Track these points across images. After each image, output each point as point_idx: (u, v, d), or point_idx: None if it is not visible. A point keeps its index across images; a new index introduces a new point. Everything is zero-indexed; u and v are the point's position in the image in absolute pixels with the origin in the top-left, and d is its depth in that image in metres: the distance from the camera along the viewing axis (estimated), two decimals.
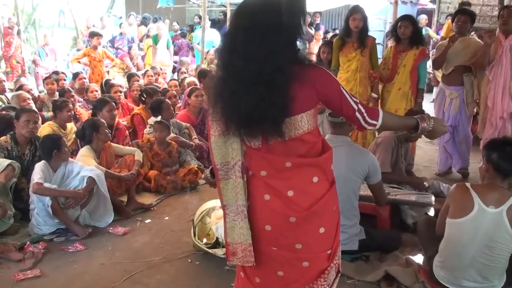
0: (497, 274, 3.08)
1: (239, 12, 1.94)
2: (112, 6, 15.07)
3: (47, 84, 7.15)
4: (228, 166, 2.01)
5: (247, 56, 1.86)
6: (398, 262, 3.68)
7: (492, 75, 5.31)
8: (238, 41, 1.89)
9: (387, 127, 2.25)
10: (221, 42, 2.02)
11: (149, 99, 6.51)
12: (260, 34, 1.85)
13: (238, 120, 1.92)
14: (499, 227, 2.94)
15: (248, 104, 1.87)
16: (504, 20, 5.28)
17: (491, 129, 5.35)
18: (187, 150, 6.02)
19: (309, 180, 2.01)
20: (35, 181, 4.09)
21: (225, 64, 1.94)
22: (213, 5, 15.82)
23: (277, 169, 1.99)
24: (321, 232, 2.04)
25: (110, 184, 4.70)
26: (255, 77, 1.86)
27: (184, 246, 4.08)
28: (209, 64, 10.52)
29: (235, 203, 2.02)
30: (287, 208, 1.98)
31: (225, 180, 2.03)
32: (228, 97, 1.92)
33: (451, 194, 3.22)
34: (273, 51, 1.86)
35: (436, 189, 4.86)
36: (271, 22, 1.86)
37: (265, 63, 1.85)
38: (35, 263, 3.75)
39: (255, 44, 1.86)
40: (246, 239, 2.02)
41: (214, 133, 2.02)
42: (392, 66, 5.74)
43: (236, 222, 2.03)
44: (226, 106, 1.93)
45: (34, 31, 12.36)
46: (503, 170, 3.01)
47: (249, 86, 1.87)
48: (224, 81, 1.94)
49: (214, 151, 2.03)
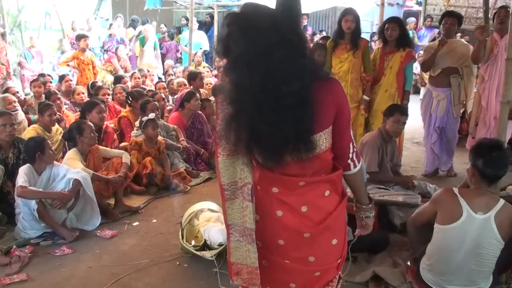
0: (484, 277, 3.09)
1: (251, 27, 1.75)
2: (98, 8, 14.97)
3: (34, 87, 7.10)
4: (236, 187, 1.92)
5: (272, 74, 1.73)
6: (386, 263, 3.70)
7: (487, 74, 5.35)
8: (259, 59, 1.73)
9: (357, 178, 2.11)
10: (235, 59, 1.80)
11: (135, 102, 6.49)
12: (285, 49, 1.73)
13: (258, 140, 1.82)
14: (487, 233, 2.93)
15: (273, 125, 1.77)
16: (501, 19, 5.32)
17: (484, 128, 5.39)
18: (174, 152, 6.01)
19: (322, 194, 1.97)
20: (19, 184, 4.06)
21: (242, 83, 1.76)
22: (200, 7, 15.81)
23: (290, 188, 1.94)
24: (333, 244, 2.03)
25: (98, 186, 4.69)
26: (282, 97, 1.74)
27: (172, 248, 4.07)
28: (196, 66, 10.51)
29: (242, 225, 1.93)
30: (301, 224, 1.94)
31: (231, 200, 1.94)
32: (246, 118, 1.78)
33: (438, 199, 3.18)
34: (299, 67, 1.76)
35: (423, 189, 4.89)
36: (291, 35, 1.75)
37: (291, 81, 1.73)
38: (22, 267, 3.71)
39: (282, 61, 1.73)
40: (253, 263, 1.95)
41: (222, 152, 1.91)
42: (379, 68, 5.79)
43: (241, 244, 1.95)
44: (243, 127, 1.80)
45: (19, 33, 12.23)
46: (489, 176, 3.00)
47: (272, 106, 1.75)
48: (240, 101, 1.79)
49: (221, 171, 1.93)
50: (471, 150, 3.18)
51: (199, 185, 5.80)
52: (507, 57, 3.84)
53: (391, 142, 4.77)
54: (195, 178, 5.92)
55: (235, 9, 14.77)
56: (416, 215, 3.45)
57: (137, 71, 9.25)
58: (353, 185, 2.15)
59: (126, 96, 6.83)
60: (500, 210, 2.94)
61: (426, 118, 6.01)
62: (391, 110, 4.67)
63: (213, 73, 10.56)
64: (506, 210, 2.96)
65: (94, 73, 9.29)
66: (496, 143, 3.19)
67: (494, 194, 3.04)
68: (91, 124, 4.98)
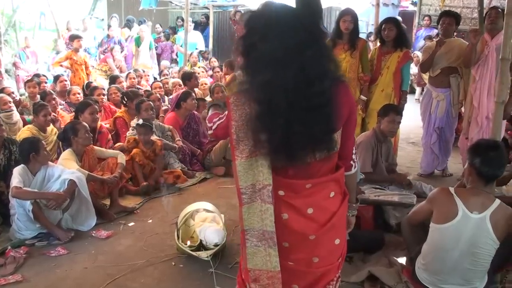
0: (479, 277, 3.10)
1: (278, 25, 1.75)
2: (94, 8, 14.94)
3: (29, 87, 7.07)
4: (254, 189, 1.87)
5: (304, 72, 1.74)
6: (382, 263, 3.71)
7: (478, 74, 5.37)
8: (290, 57, 1.74)
9: (353, 177, 2.19)
10: (262, 58, 1.78)
11: (130, 103, 6.48)
12: (314, 47, 1.76)
13: (287, 140, 1.80)
14: (482, 233, 2.95)
15: (304, 123, 1.78)
16: (491, 20, 5.33)
17: (477, 128, 5.40)
18: (170, 152, 6.01)
19: (328, 195, 1.98)
20: (14, 185, 4.04)
21: (273, 81, 1.75)
22: (195, 7, 15.78)
23: (296, 191, 1.94)
24: (336, 244, 2.05)
25: (93, 187, 4.68)
26: (313, 95, 1.76)
27: (167, 249, 4.06)
28: (192, 66, 10.50)
29: (260, 229, 1.89)
30: (307, 226, 1.94)
31: (248, 204, 1.89)
32: (277, 117, 1.77)
33: (434, 198, 3.20)
34: (326, 66, 1.80)
35: (418, 189, 4.91)
36: (320, 35, 1.79)
37: (322, 80, 1.76)
38: (17, 268, 3.70)
39: (313, 59, 1.75)
40: (275, 267, 1.90)
41: (240, 155, 1.87)
42: (376, 68, 5.81)
43: (260, 249, 1.90)
44: (273, 126, 1.79)
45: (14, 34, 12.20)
46: (485, 175, 3.01)
47: (304, 105, 1.76)
48: (271, 100, 1.76)
49: (239, 174, 1.88)
50: (469, 149, 3.20)
51: (194, 185, 5.79)
52: (502, 57, 3.86)
53: (386, 142, 4.78)
54: (190, 178, 5.92)
55: (230, 9, 14.82)
56: (412, 214, 3.46)
57: (132, 71, 9.26)
58: (348, 185, 2.17)
59: (121, 96, 6.83)
60: (496, 210, 2.95)
61: (425, 118, 6.02)
62: (385, 110, 4.68)
63: (208, 74, 10.55)
64: (502, 210, 2.97)
65: (87, 74, 9.27)
66: (493, 142, 3.22)
67: (489, 194, 3.05)
68: (86, 125, 4.97)
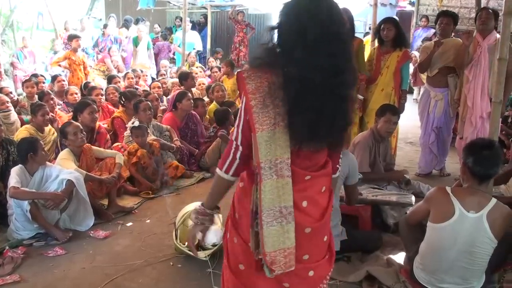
0: (476, 276, 3.10)
1: (315, 17, 1.81)
2: (91, 8, 14.90)
3: (27, 87, 7.06)
4: (272, 164, 1.83)
5: (336, 61, 1.82)
6: (380, 262, 3.72)
7: (472, 75, 5.38)
8: (320, 49, 1.80)
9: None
10: (293, 37, 1.83)
11: (128, 103, 6.47)
12: (343, 43, 1.86)
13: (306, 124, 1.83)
14: (479, 232, 2.95)
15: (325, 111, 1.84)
16: (482, 20, 5.34)
17: (471, 128, 5.41)
18: (168, 152, 6.00)
19: (320, 190, 1.99)
20: (12, 185, 4.04)
21: (315, 64, 1.80)
22: (193, 7, 15.78)
23: (295, 181, 1.89)
24: (324, 241, 2.05)
25: (91, 187, 4.67)
26: (339, 85, 1.85)
27: (166, 249, 4.06)
28: (190, 66, 10.50)
29: (278, 205, 1.84)
30: (303, 219, 1.92)
31: (269, 180, 1.84)
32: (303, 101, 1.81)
33: (431, 197, 3.21)
34: (351, 62, 1.91)
35: (416, 189, 4.92)
36: (347, 31, 1.90)
37: (349, 74, 1.87)
38: (14, 268, 3.70)
39: (346, 51, 1.87)
40: (292, 243, 1.87)
41: (261, 126, 1.82)
42: (376, 68, 5.81)
43: (275, 228, 1.84)
44: (306, 104, 1.82)
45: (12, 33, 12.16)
46: (478, 174, 3.02)
47: (336, 92, 1.85)
48: (309, 80, 1.80)
49: (260, 146, 1.82)
50: (464, 148, 3.21)
51: (192, 185, 5.79)
52: (499, 57, 3.87)
53: (383, 142, 4.78)
54: (189, 178, 5.92)
55: (228, 9, 14.82)
56: (410, 214, 3.47)
57: (130, 71, 9.24)
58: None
59: (119, 96, 6.82)
60: (492, 209, 2.96)
61: (424, 118, 6.03)
62: (382, 110, 4.67)
63: (206, 73, 10.55)
64: (499, 209, 2.98)
65: (85, 74, 9.26)
66: (488, 142, 3.22)
67: (486, 193, 3.06)
68: (78, 125, 4.91)
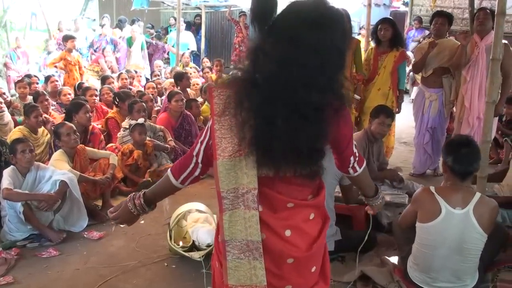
0: (469, 274, 3.12)
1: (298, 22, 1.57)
2: (85, 9, 14.84)
3: (19, 87, 7.04)
4: (236, 194, 1.67)
5: (308, 79, 1.56)
6: (374, 262, 3.73)
7: (469, 75, 5.40)
8: (293, 59, 1.55)
9: (361, 178, 2.09)
10: (259, 52, 1.61)
11: (122, 103, 6.46)
12: (329, 55, 1.58)
13: (269, 146, 1.61)
14: (468, 227, 2.98)
15: (292, 131, 1.59)
16: (480, 21, 5.35)
17: (468, 128, 5.43)
18: (162, 153, 5.99)
19: (307, 217, 1.81)
20: (4, 187, 4.03)
21: (266, 77, 1.58)
22: (187, 8, 15.76)
23: (275, 209, 1.75)
24: (312, 271, 1.85)
25: (85, 188, 4.67)
26: (310, 104, 1.57)
27: (160, 249, 4.06)
28: (184, 66, 10.49)
29: (244, 239, 1.68)
30: (285, 249, 1.75)
31: (230, 211, 1.68)
32: (264, 121, 1.59)
33: (417, 198, 3.23)
34: (333, 79, 1.61)
35: (410, 189, 4.92)
36: (339, 44, 1.60)
37: (324, 91, 1.58)
38: (8, 269, 3.68)
39: (325, 66, 1.57)
40: (261, 281, 1.69)
41: (222, 153, 1.67)
42: (373, 68, 5.88)
43: (242, 261, 1.69)
44: (258, 129, 1.60)
45: (5, 34, 12.09)
46: (458, 172, 3.05)
47: (295, 112, 1.57)
48: (258, 102, 1.59)
49: (220, 175, 1.68)
50: (443, 147, 3.26)
51: None
52: (492, 57, 3.89)
53: (377, 142, 4.79)
54: None
55: (222, 9, 14.81)
56: (401, 218, 3.48)
57: (124, 72, 9.23)
58: (355, 183, 2.21)
59: (113, 97, 6.81)
60: (478, 203, 2.99)
61: (418, 118, 6.06)
62: (377, 111, 4.68)
63: (200, 74, 10.55)
64: (485, 203, 3.02)
65: (80, 74, 9.25)
66: (466, 139, 3.24)
67: (469, 188, 3.09)
68: (71, 126, 4.87)
